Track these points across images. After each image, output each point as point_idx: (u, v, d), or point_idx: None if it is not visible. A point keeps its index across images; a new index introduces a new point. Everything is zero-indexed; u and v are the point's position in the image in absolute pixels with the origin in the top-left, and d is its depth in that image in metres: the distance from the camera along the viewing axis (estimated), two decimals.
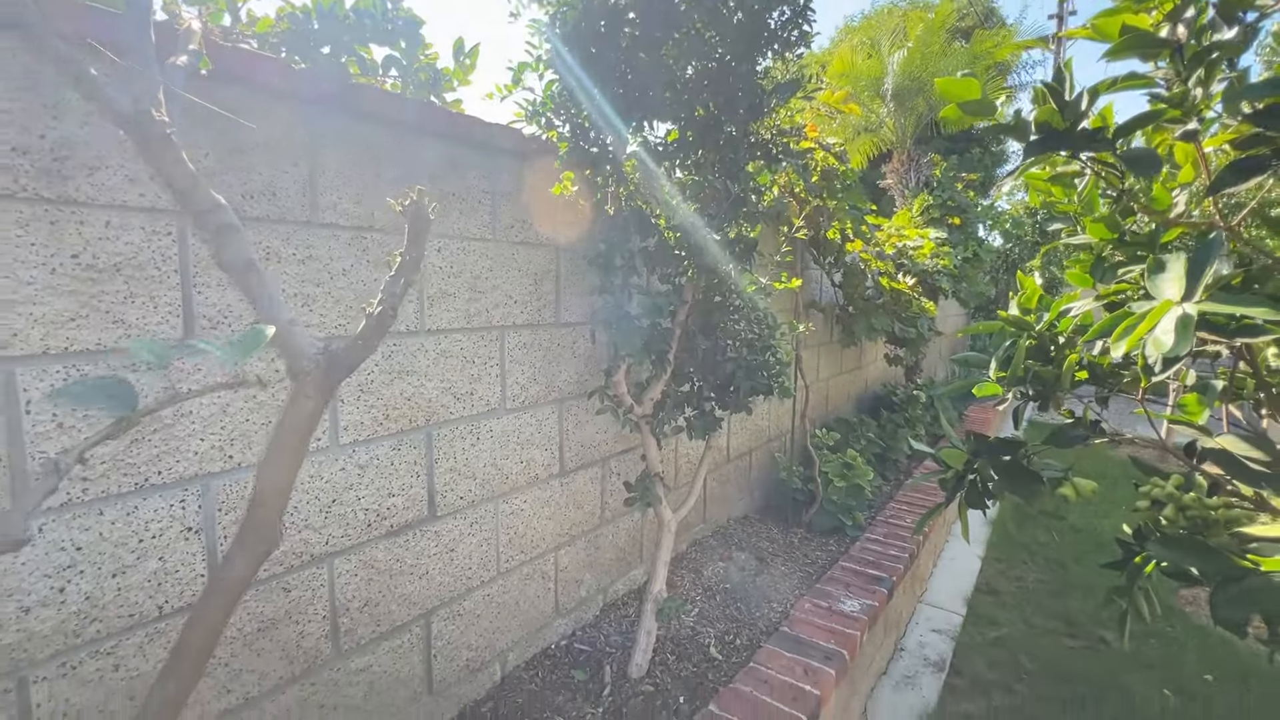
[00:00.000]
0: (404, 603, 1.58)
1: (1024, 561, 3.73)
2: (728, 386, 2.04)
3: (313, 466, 1.36)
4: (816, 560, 2.82)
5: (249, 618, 1.27)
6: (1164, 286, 1.13)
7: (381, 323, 0.79)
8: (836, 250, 3.44)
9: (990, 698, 2.52)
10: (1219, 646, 2.80)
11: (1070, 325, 1.46)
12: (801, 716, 1.73)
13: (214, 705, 1.23)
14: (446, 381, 1.63)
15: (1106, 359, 1.47)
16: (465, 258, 1.65)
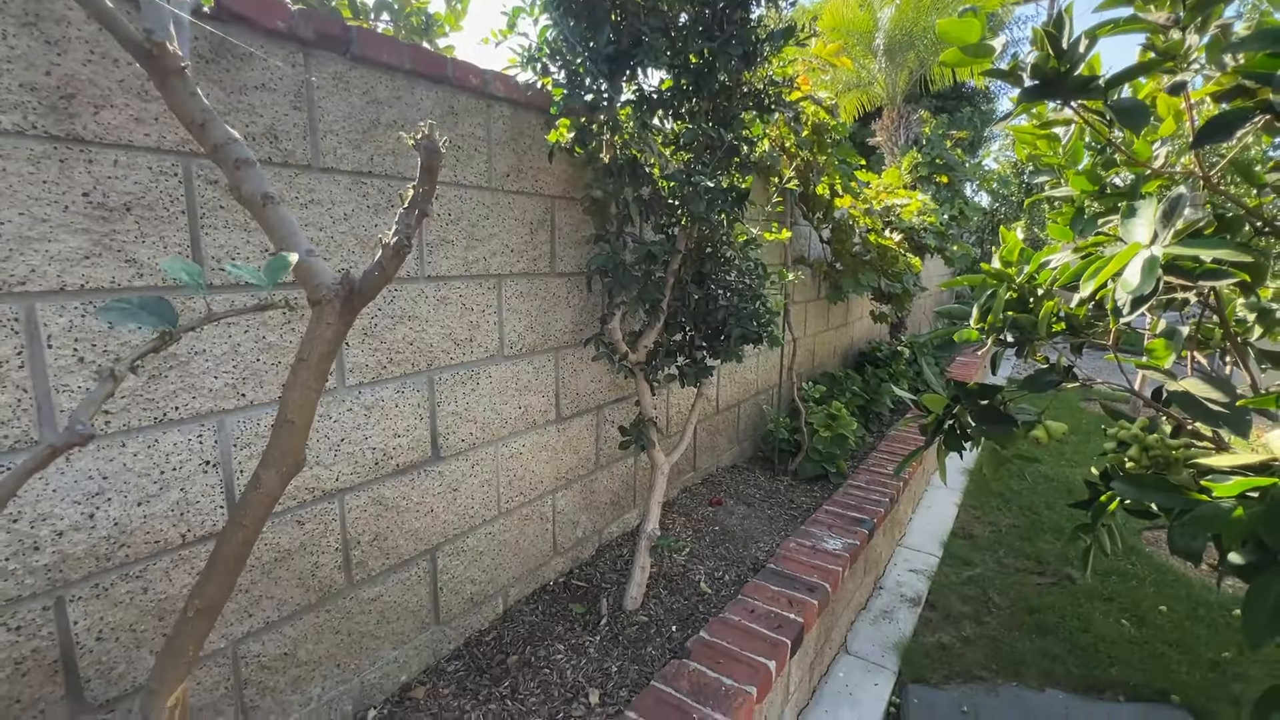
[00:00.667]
0: (411, 538, 1.65)
1: (998, 508, 3.91)
2: (719, 335, 2.10)
3: (322, 407, 1.41)
4: (802, 505, 2.94)
5: (266, 548, 1.34)
6: (1135, 230, 1.20)
7: (398, 252, 0.83)
8: (825, 206, 3.47)
9: (961, 629, 2.69)
10: (1175, 582, 2.99)
11: (1049, 277, 1.53)
12: (785, 641, 1.85)
13: (237, 628, 1.31)
14: (446, 327, 1.68)
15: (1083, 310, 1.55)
16: (462, 206, 1.67)
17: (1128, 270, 1.11)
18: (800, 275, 2.16)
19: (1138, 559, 3.21)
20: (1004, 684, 2.37)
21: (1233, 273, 1.18)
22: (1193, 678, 2.35)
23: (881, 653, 2.53)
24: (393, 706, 1.61)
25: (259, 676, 1.35)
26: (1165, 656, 2.47)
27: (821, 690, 2.32)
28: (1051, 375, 1.64)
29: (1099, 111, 1.45)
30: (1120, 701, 2.26)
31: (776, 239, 2.16)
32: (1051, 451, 4.88)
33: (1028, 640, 2.60)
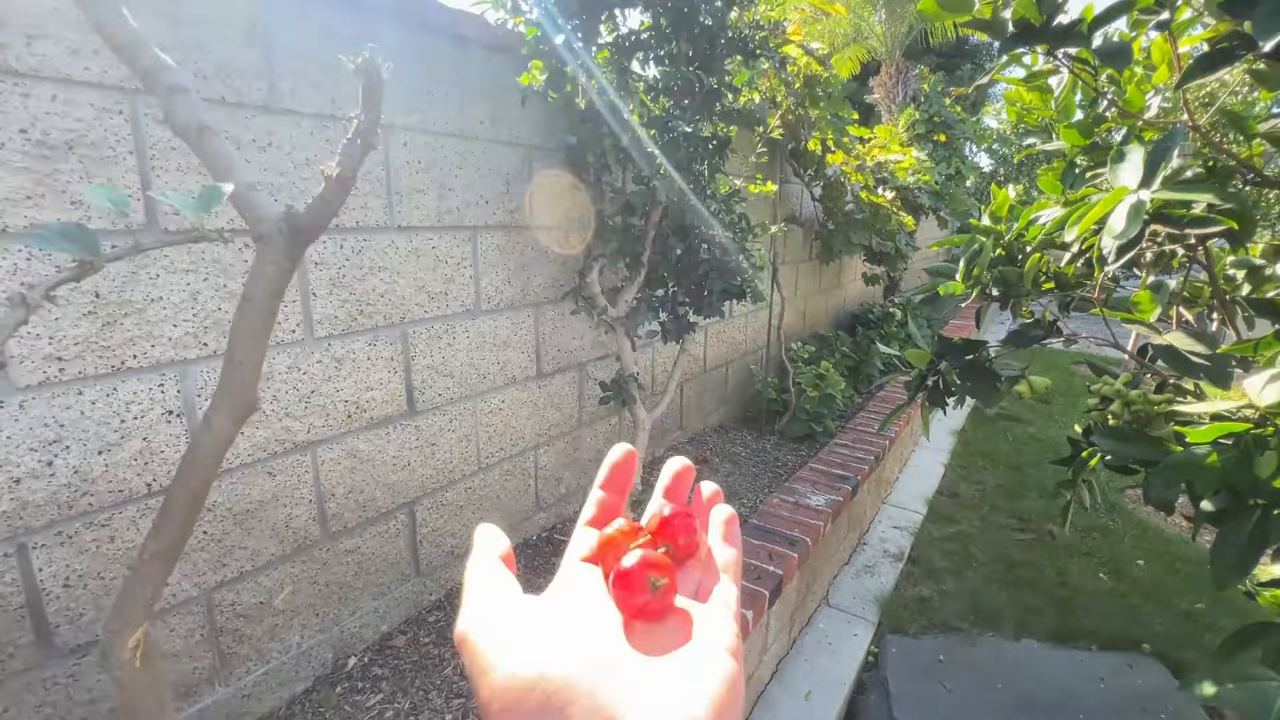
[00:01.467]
0: (388, 491, 1.65)
1: (985, 468, 3.94)
2: (702, 290, 2.07)
3: (290, 359, 1.39)
4: (787, 463, 2.96)
5: (237, 499, 1.33)
6: (1123, 174, 1.16)
7: (341, 185, 0.79)
8: (817, 162, 3.40)
9: (942, 582, 2.73)
10: (1154, 538, 3.04)
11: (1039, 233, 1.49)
12: (764, 592, 1.87)
13: (210, 577, 1.31)
14: (419, 280, 1.64)
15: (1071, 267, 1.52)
16: (434, 154, 1.62)
17: (1114, 215, 1.08)
18: (782, 227, 2.12)
19: (1119, 516, 3.25)
20: (981, 634, 2.42)
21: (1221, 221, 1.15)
22: (1165, 628, 2.40)
23: (862, 605, 2.58)
24: (373, 654, 1.63)
25: (235, 624, 1.37)
26: (1140, 608, 2.52)
27: (802, 641, 2.36)
28: (1036, 330, 1.62)
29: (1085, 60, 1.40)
30: (1093, 650, 2.32)
31: (761, 191, 2.10)
32: (1040, 412, 4.91)
33: (1006, 593, 2.65)
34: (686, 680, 0.26)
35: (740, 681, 0.27)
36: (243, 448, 1.33)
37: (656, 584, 0.29)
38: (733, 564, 0.33)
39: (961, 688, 2.16)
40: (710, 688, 0.25)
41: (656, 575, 0.29)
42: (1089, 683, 2.17)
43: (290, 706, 1.47)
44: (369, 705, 1.48)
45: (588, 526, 0.36)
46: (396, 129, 1.52)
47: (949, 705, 2.09)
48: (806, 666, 2.23)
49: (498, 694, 0.24)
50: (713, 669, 0.26)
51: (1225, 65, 1.17)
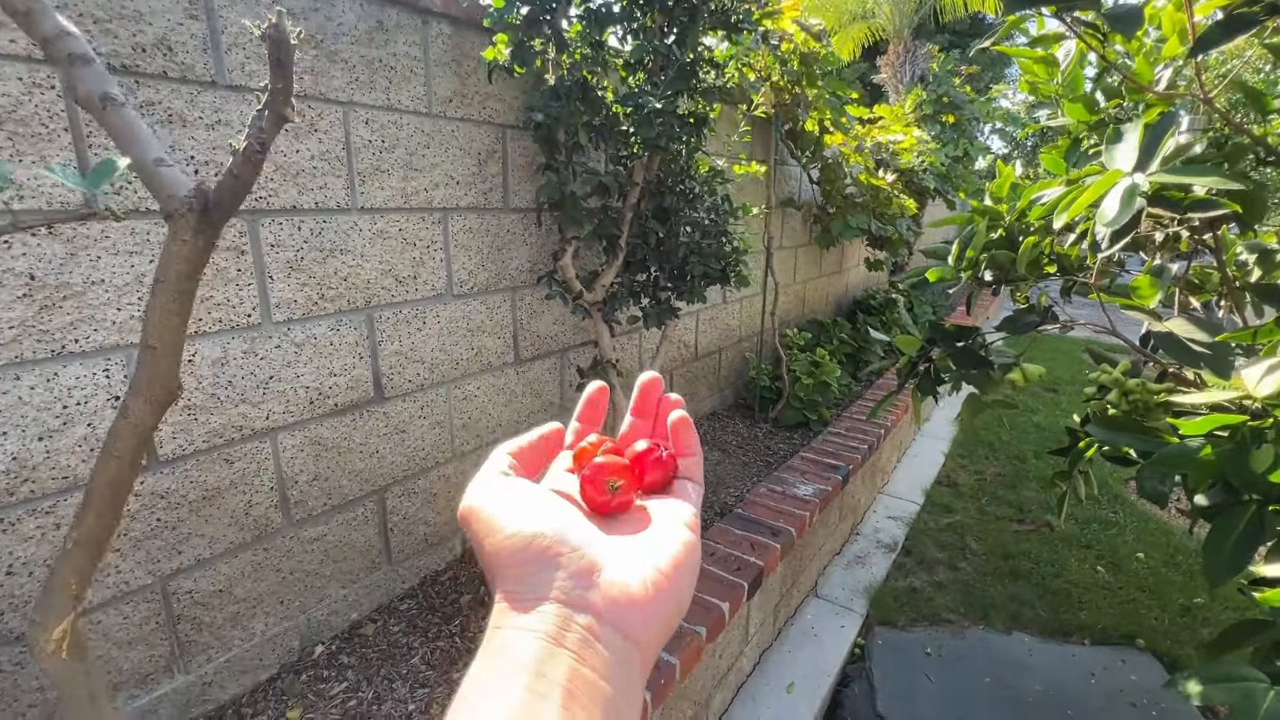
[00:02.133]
0: (355, 479, 1.63)
1: (986, 457, 3.87)
2: (684, 274, 2.01)
3: (245, 343, 1.36)
4: (779, 452, 2.91)
5: (192, 485, 1.31)
6: (1119, 156, 1.09)
7: (249, 159, 0.75)
8: (814, 143, 3.30)
9: (935, 574, 2.68)
10: (1157, 530, 2.96)
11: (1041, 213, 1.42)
12: (742, 584, 1.84)
13: (165, 564, 1.29)
14: (386, 263, 1.60)
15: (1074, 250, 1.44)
16: (397, 132, 1.57)
17: (1106, 200, 1.01)
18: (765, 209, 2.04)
19: (1121, 507, 3.18)
20: (971, 627, 2.37)
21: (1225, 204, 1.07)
22: (1161, 623, 2.34)
23: (851, 597, 2.54)
24: (341, 642, 1.62)
25: (193, 612, 1.35)
26: (1136, 602, 2.46)
27: (787, 632, 2.33)
28: (1031, 316, 1.55)
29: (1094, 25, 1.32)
30: (1085, 645, 2.26)
31: (748, 172, 2.03)
32: (1047, 401, 4.81)
33: (1000, 585, 2.59)
34: (651, 544, 0.32)
35: (697, 547, 0.34)
36: (196, 434, 1.30)
37: (614, 486, 0.34)
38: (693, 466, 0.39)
39: (948, 681, 2.12)
40: (671, 549, 0.32)
41: (614, 479, 0.34)
42: (1079, 678, 2.12)
43: (254, 694, 1.46)
44: (333, 694, 1.46)
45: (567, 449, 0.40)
46: (357, 106, 1.48)
47: (934, 698, 2.05)
48: (790, 658, 2.20)
49: (502, 548, 0.30)
50: (673, 537, 0.33)
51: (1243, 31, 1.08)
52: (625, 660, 0.27)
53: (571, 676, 0.25)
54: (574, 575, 0.29)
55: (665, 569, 0.30)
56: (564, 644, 0.26)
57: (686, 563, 0.32)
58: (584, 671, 0.26)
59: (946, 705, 2.03)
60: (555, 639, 0.26)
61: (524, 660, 0.25)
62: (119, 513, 0.89)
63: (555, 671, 0.25)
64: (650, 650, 0.29)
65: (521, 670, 0.25)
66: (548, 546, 0.29)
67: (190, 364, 1.27)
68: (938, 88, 5.37)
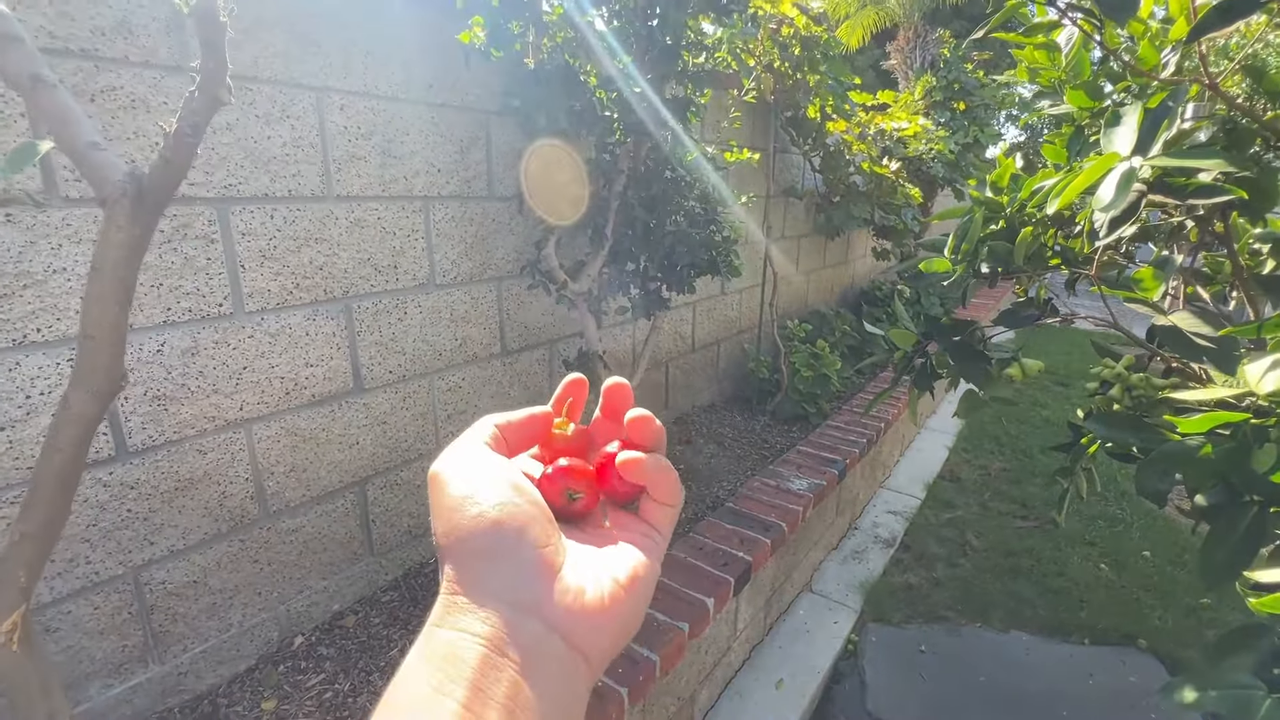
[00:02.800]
0: (335, 470, 1.61)
1: (991, 451, 3.80)
2: (674, 264, 1.97)
3: (217, 333, 1.34)
4: (775, 445, 2.87)
5: (164, 476, 1.30)
6: (1117, 139, 1.03)
7: (182, 142, 0.72)
8: (816, 130, 3.23)
9: (933, 570, 2.64)
10: (1163, 528, 2.89)
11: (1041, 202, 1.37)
12: (728, 579, 1.81)
13: (137, 555, 1.29)
14: (364, 253, 1.58)
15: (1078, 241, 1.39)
16: (374, 118, 1.54)
17: (1102, 185, 0.96)
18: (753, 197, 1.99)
19: (1127, 504, 3.10)
20: (967, 625, 2.33)
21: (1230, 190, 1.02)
22: (1165, 623, 2.28)
23: (846, 592, 2.50)
24: (321, 633, 1.61)
25: (167, 603, 1.35)
26: (1139, 602, 2.40)
27: (778, 627, 2.30)
28: (1030, 310, 1.50)
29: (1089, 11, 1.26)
30: (1084, 644, 2.21)
31: (740, 159, 1.98)
32: (1056, 395, 4.72)
33: (999, 583, 2.54)
34: (610, 555, 0.31)
35: (655, 568, 0.32)
36: (167, 424, 1.29)
37: (572, 496, 0.33)
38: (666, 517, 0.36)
39: (941, 680, 2.09)
40: (629, 561, 0.31)
41: (573, 489, 0.33)
42: (1077, 678, 2.07)
43: (230, 685, 1.45)
44: (309, 685, 1.46)
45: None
46: (332, 92, 1.45)
47: (926, 697, 2.02)
48: (781, 654, 2.17)
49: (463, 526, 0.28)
50: (633, 552, 0.32)
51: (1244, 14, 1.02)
52: (571, 672, 0.26)
53: (512, 693, 0.24)
54: (530, 572, 0.27)
55: (622, 580, 0.29)
56: (507, 654, 0.25)
57: (643, 577, 0.30)
58: (525, 688, 0.24)
59: (939, 704, 1.99)
60: (498, 648, 0.25)
61: (462, 671, 0.24)
62: (67, 505, 0.87)
63: (495, 689, 0.24)
64: (598, 662, 0.28)
65: (458, 684, 0.23)
66: (508, 534, 0.27)
67: (159, 354, 1.26)
68: (948, 74, 5.24)
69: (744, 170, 3.00)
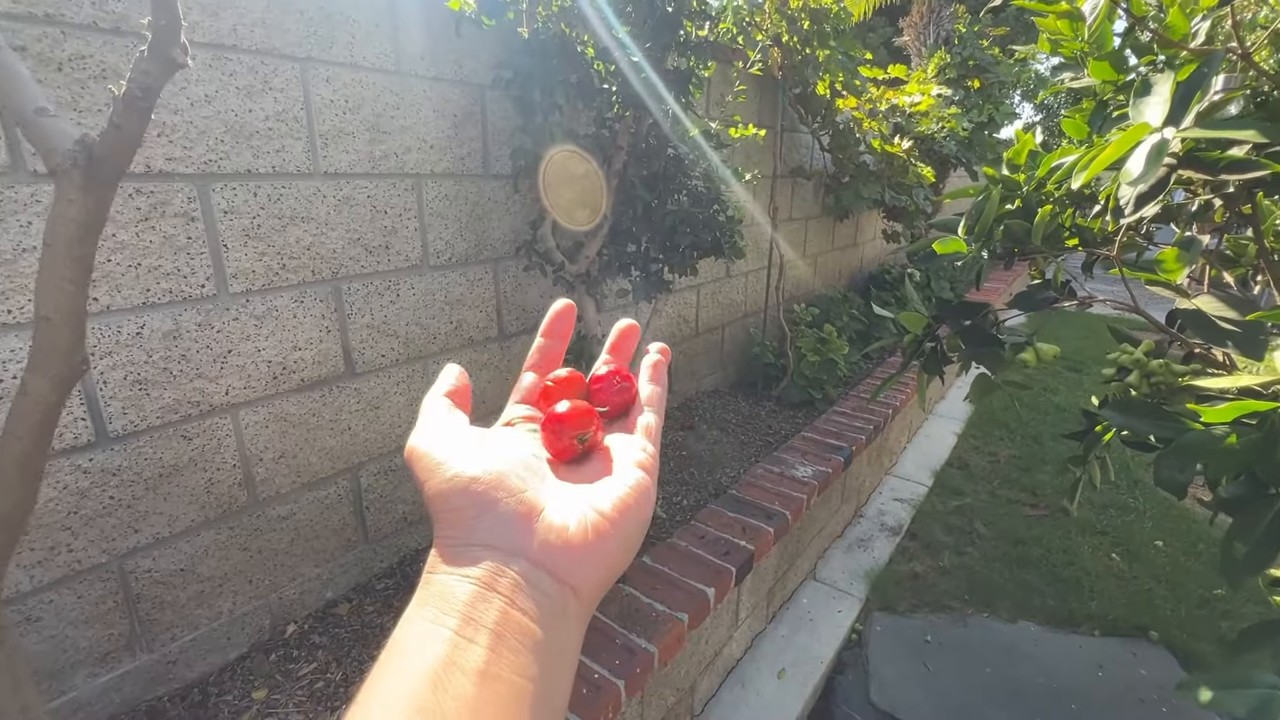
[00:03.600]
0: (327, 456, 1.58)
1: (1001, 438, 3.73)
2: (676, 246, 1.91)
3: (199, 315, 1.29)
4: (780, 431, 2.82)
5: (147, 463, 1.27)
6: (1146, 110, 0.96)
7: (131, 107, 0.67)
8: (825, 107, 3.13)
9: (939, 558, 2.59)
10: (1177, 517, 2.83)
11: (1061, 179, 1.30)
12: (730, 569, 1.77)
13: (120, 543, 1.25)
14: (354, 232, 1.53)
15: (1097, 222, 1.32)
16: (362, 91, 1.48)
17: (1131, 157, 0.89)
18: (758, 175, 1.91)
19: (1140, 493, 3.04)
20: (974, 614, 2.29)
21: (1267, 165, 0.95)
22: (1178, 614, 2.23)
23: (851, 580, 2.46)
24: (314, 621, 1.59)
25: (154, 591, 1.32)
26: (1151, 592, 2.35)
27: (781, 616, 2.27)
28: (1047, 292, 1.43)
29: None
30: (1094, 636, 2.17)
31: (745, 135, 1.90)
32: (1068, 381, 4.63)
33: (1007, 572, 2.49)
34: (598, 485, 0.31)
35: (647, 489, 0.32)
36: (149, 409, 1.25)
37: (583, 439, 0.33)
38: (655, 398, 0.38)
39: (946, 670, 2.05)
40: (617, 491, 0.31)
41: (581, 430, 0.33)
42: (1086, 670, 2.03)
43: (221, 673, 1.43)
44: (301, 674, 1.43)
45: (528, 370, 0.40)
46: (316, 63, 1.39)
47: (930, 688, 1.98)
48: (784, 643, 2.14)
49: (440, 491, 0.29)
50: (622, 478, 0.32)
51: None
52: (559, 604, 0.27)
53: (501, 619, 0.25)
54: (510, 520, 0.28)
55: (607, 511, 0.30)
56: (496, 589, 0.26)
57: (633, 504, 0.31)
58: (514, 614, 0.26)
59: (943, 694, 1.96)
60: (487, 584, 0.26)
61: (454, 605, 0.25)
62: (32, 495, 0.83)
63: (485, 615, 0.25)
64: (589, 594, 0.29)
65: (451, 615, 0.25)
66: (484, 491, 0.29)
67: (139, 336, 1.22)
68: (963, 50, 5.08)
69: (750, 148, 2.91)
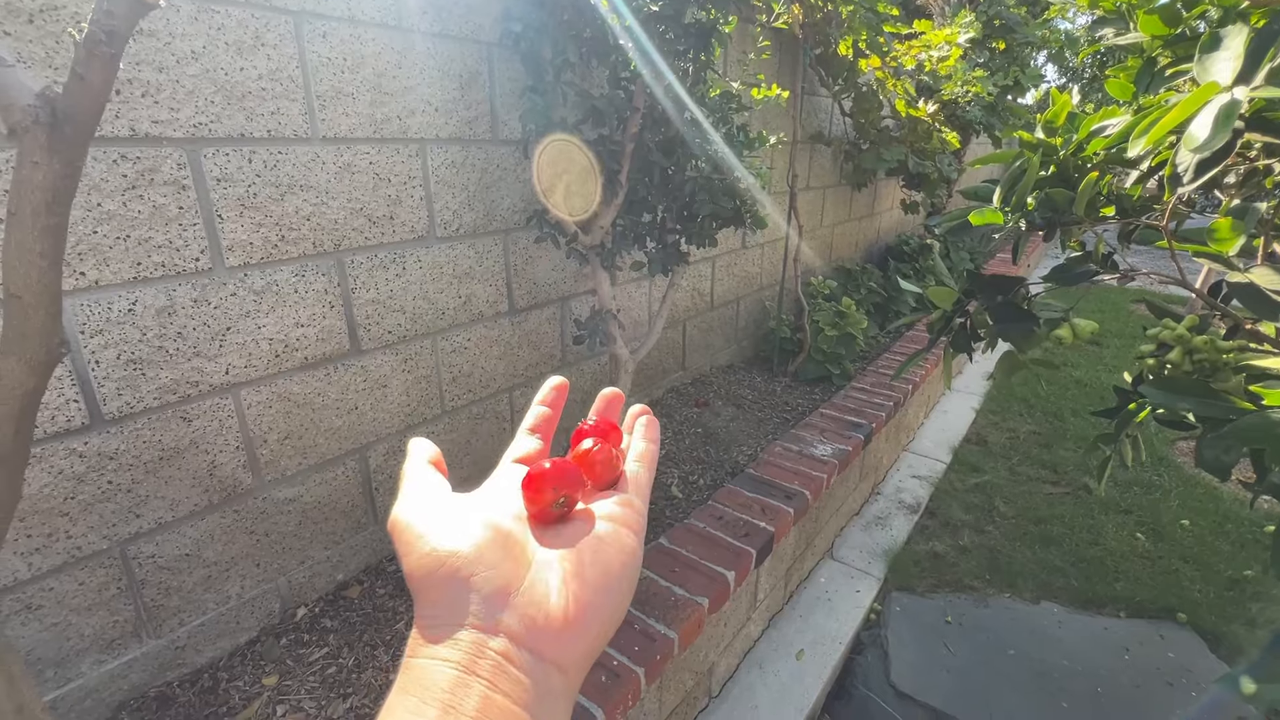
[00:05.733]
0: (333, 437, 1.52)
1: (1020, 414, 3.65)
2: (694, 215, 1.81)
3: (195, 290, 1.22)
4: (797, 408, 2.75)
5: (145, 446, 1.21)
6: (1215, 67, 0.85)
7: (93, 53, 0.59)
8: (848, 69, 2.98)
9: (959, 537, 2.54)
10: (1204, 496, 2.76)
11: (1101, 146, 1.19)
12: (750, 551, 1.71)
13: (122, 529, 1.21)
14: (356, 202, 1.44)
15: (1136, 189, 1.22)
16: (361, 48, 1.37)
17: (1196, 120, 0.79)
18: (783, 137, 1.80)
19: (1165, 470, 2.96)
20: (996, 595, 2.24)
21: None
22: (1206, 596, 2.18)
23: (869, 560, 2.42)
24: (325, 605, 1.55)
25: (159, 577, 1.28)
26: (1179, 573, 2.29)
27: (799, 596, 2.23)
28: (1086, 265, 1.33)
29: None
30: (1120, 617, 2.12)
31: (768, 96, 1.79)
32: (1088, 355, 4.52)
33: (1029, 551, 2.44)
34: (583, 554, 0.30)
35: (633, 552, 0.32)
36: (145, 390, 1.19)
37: (558, 506, 0.32)
38: (645, 455, 0.38)
39: (968, 652, 2.01)
40: (603, 559, 0.30)
41: (559, 495, 0.32)
42: (1112, 653, 1.98)
43: (231, 658, 1.40)
44: (312, 660, 1.40)
45: (528, 432, 0.39)
46: (312, 17, 1.28)
47: (951, 670, 1.94)
48: (801, 624, 2.10)
49: (417, 567, 0.29)
50: (609, 544, 0.31)
51: None
52: (544, 684, 0.26)
53: (483, 707, 0.24)
54: (487, 598, 0.27)
55: (590, 580, 0.29)
56: (477, 672, 0.25)
57: (617, 570, 0.30)
58: (497, 699, 0.25)
59: (965, 677, 1.92)
60: (468, 668, 0.25)
61: (434, 694, 0.25)
62: (16, 486, 0.77)
63: (465, 703, 0.24)
64: (575, 669, 0.28)
65: (431, 705, 0.24)
66: (459, 568, 0.28)
67: (131, 314, 1.15)
68: (988, 9, 4.85)
69: (768, 113, 2.78)
